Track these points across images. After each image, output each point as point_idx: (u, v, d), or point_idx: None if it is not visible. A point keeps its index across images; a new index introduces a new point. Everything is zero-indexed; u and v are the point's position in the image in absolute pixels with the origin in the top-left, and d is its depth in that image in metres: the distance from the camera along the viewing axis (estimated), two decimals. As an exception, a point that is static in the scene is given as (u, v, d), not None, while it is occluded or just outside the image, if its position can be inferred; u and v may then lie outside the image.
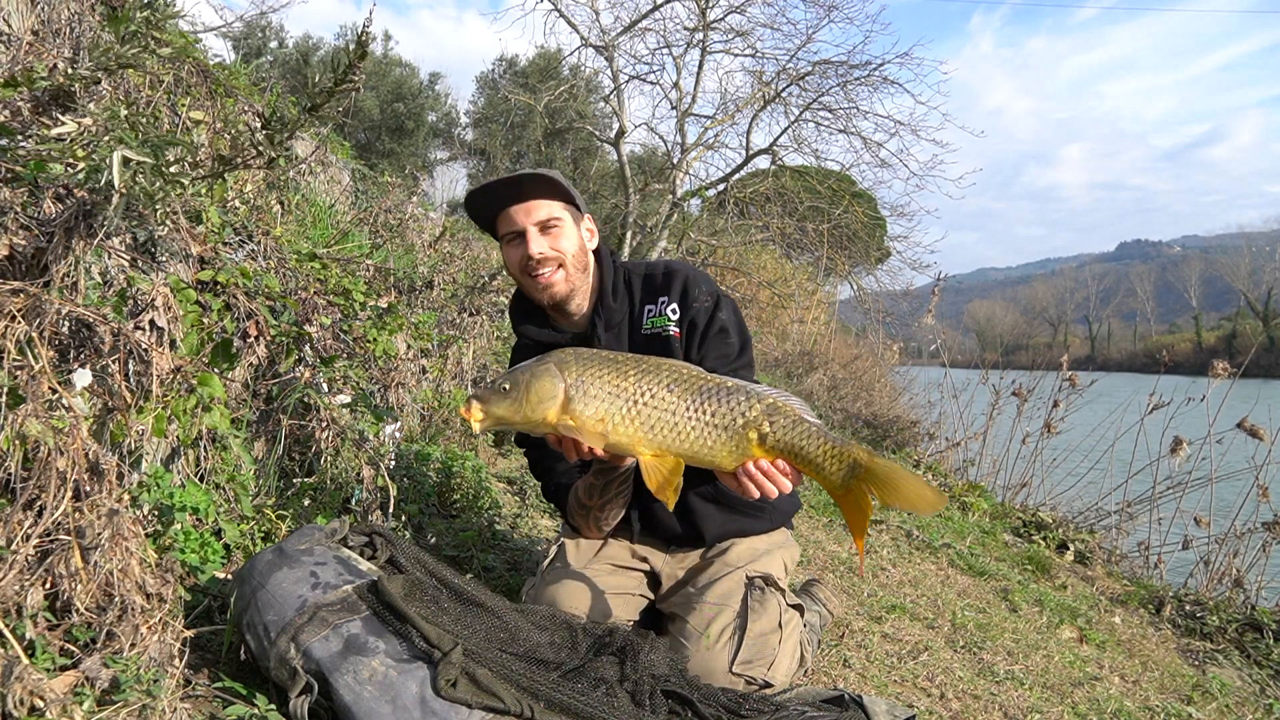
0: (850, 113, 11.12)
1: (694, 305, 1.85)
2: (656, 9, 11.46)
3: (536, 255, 1.77)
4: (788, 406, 1.51)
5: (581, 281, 1.84)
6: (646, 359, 1.55)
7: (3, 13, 2.07)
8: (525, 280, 1.83)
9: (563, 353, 1.54)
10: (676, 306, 1.86)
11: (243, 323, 1.97)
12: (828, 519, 4.00)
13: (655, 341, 1.86)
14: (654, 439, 1.49)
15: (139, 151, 1.44)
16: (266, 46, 18.25)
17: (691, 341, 1.85)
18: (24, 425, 1.30)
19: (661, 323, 1.86)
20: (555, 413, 1.48)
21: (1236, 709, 2.81)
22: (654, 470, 1.49)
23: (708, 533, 1.93)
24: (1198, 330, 58.83)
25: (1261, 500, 4.60)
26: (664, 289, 1.87)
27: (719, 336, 1.85)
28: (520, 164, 21.25)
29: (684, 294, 1.86)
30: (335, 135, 6.12)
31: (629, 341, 1.88)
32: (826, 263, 12.81)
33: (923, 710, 2.07)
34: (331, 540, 1.59)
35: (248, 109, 3.27)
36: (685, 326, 1.85)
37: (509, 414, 1.49)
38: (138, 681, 1.27)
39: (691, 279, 1.87)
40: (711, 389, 1.51)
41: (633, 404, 1.49)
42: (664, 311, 1.86)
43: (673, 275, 1.88)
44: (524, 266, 1.80)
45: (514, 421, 1.50)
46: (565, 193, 1.80)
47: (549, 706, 1.34)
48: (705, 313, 1.85)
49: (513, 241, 1.80)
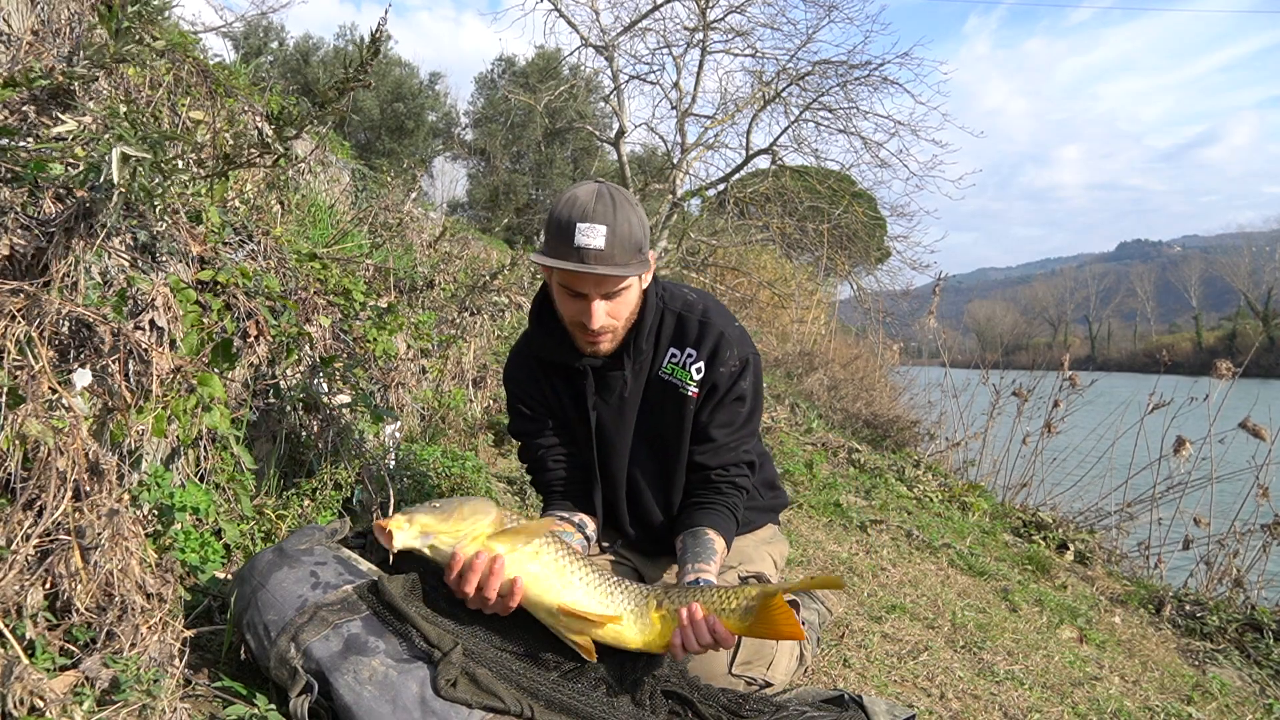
0: (850, 113, 11.14)
1: (720, 370, 1.77)
2: (656, 9, 11.46)
3: (598, 327, 1.65)
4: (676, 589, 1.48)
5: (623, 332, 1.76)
6: (563, 549, 1.47)
7: (3, 13, 2.07)
8: (571, 326, 1.72)
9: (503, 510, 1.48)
10: (702, 366, 1.77)
11: (243, 323, 1.97)
12: (828, 519, 4.00)
13: (669, 392, 1.79)
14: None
15: (138, 147, 1.44)
16: (267, 46, 18.26)
17: (707, 402, 1.79)
18: (24, 425, 1.29)
19: (682, 377, 1.78)
20: (483, 534, 1.41)
21: (1236, 709, 2.81)
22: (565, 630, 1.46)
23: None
24: (1198, 330, 58.82)
25: (1261, 500, 4.60)
26: (696, 341, 1.78)
27: (734, 404, 1.80)
28: (520, 164, 21.25)
29: (713, 355, 1.77)
30: (335, 135, 6.12)
31: (646, 382, 1.82)
32: (826, 263, 12.82)
33: (923, 710, 2.07)
34: (331, 540, 1.59)
35: (248, 109, 3.27)
36: (705, 389, 1.79)
37: (434, 522, 1.42)
38: (138, 681, 1.27)
39: (725, 339, 1.77)
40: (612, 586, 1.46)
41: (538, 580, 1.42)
42: (688, 367, 1.78)
43: (707, 329, 1.78)
44: (575, 324, 1.71)
45: (439, 531, 1.42)
46: (640, 252, 1.63)
47: (549, 706, 1.34)
48: (729, 379, 1.78)
49: (573, 297, 1.65)
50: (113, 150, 1.41)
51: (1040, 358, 7.81)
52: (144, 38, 1.53)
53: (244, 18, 9.53)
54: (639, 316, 1.75)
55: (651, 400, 1.81)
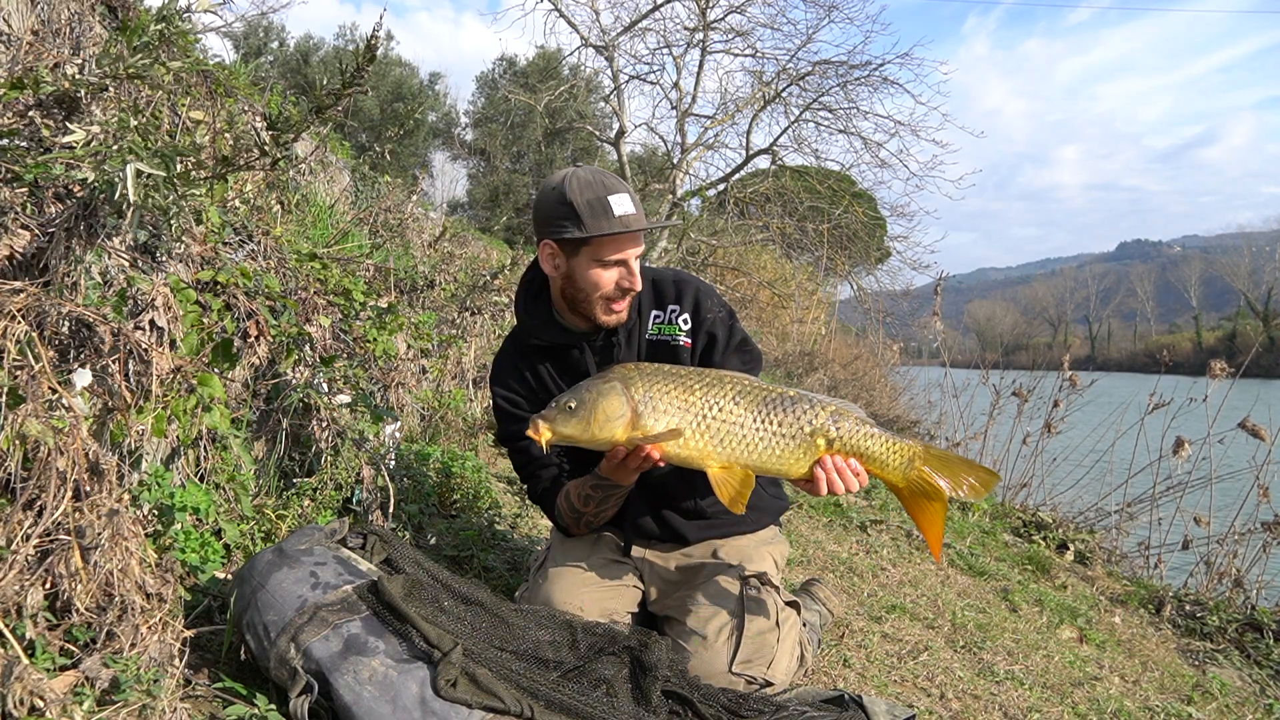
0: (850, 113, 11.14)
1: (708, 317, 1.86)
2: (656, 9, 11.47)
3: (639, 286, 1.78)
4: (849, 411, 1.58)
5: None
6: (708, 372, 1.60)
7: (3, 13, 2.07)
8: (598, 300, 1.78)
9: (625, 369, 1.58)
10: (689, 317, 1.87)
11: (243, 323, 1.97)
12: (828, 519, 4.00)
13: (662, 348, 1.87)
14: (723, 452, 1.54)
15: (150, 164, 1.44)
16: (267, 46, 18.26)
17: (711, 351, 1.86)
18: (24, 425, 1.29)
19: (671, 331, 1.87)
20: (624, 430, 1.51)
21: (1236, 709, 2.81)
22: (724, 484, 1.54)
23: (691, 535, 1.95)
24: (1198, 330, 58.78)
25: (1261, 500, 4.60)
26: (675, 298, 1.88)
27: (739, 346, 1.88)
28: (520, 164, 21.26)
29: (696, 305, 1.87)
30: (335, 135, 6.12)
31: (637, 347, 1.89)
32: (826, 263, 12.82)
33: (923, 710, 2.07)
34: (331, 540, 1.59)
35: (248, 109, 3.27)
36: (701, 338, 1.86)
37: (576, 433, 1.52)
38: (138, 681, 1.27)
39: (703, 290, 1.89)
40: (776, 400, 1.56)
41: (701, 419, 1.53)
42: (674, 320, 1.87)
43: (684, 285, 1.90)
44: (614, 294, 1.78)
45: (581, 439, 1.53)
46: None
47: (549, 706, 1.34)
48: (723, 324, 1.87)
49: (613, 267, 1.75)
50: (127, 167, 1.42)
51: (1040, 358, 7.81)
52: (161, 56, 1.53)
53: (244, 18, 9.52)
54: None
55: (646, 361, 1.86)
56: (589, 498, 1.80)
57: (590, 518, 1.86)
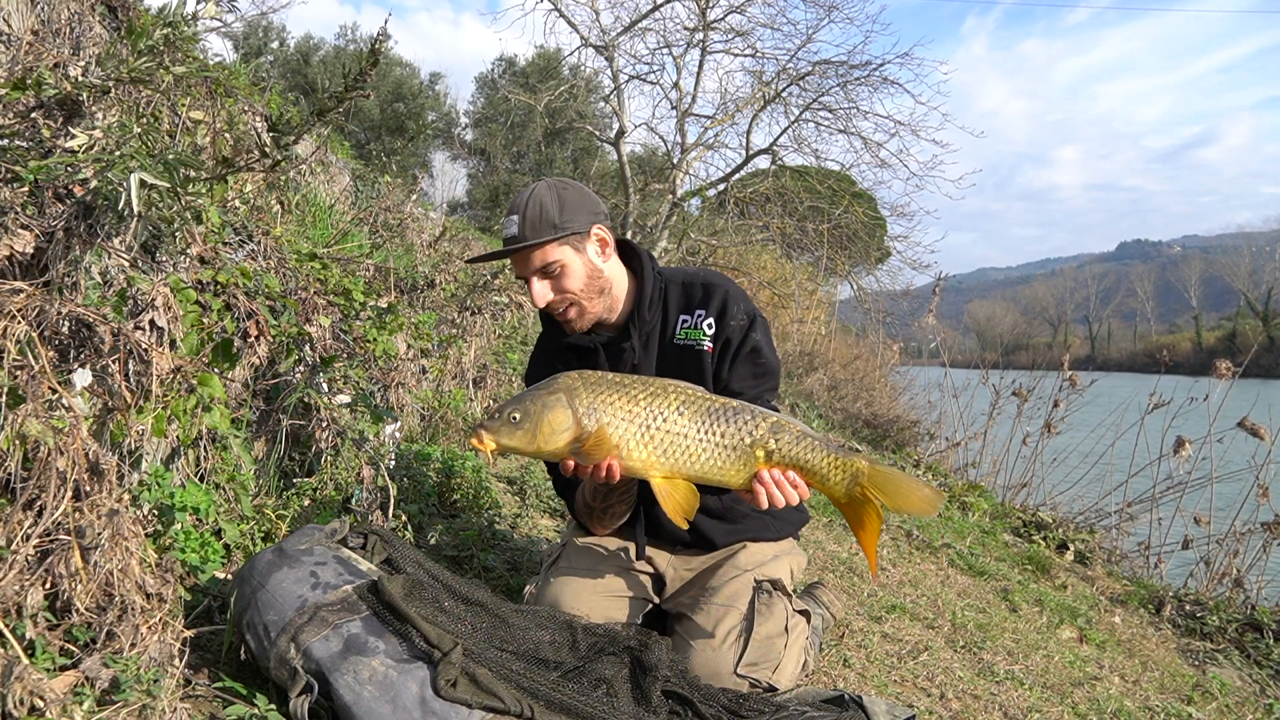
0: (850, 113, 11.12)
1: (730, 323, 1.84)
2: (656, 9, 11.45)
3: (543, 304, 1.78)
4: (790, 424, 1.56)
5: (602, 303, 1.83)
6: (653, 381, 1.58)
7: (3, 13, 2.07)
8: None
9: (569, 378, 1.55)
10: (713, 322, 1.85)
11: (243, 323, 1.97)
12: (828, 519, 4.00)
13: (687, 354, 1.85)
14: (666, 463, 1.53)
15: (154, 173, 1.44)
16: (267, 47, 18.25)
17: (724, 358, 1.85)
18: (24, 425, 1.29)
19: (696, 336, 1.85)
20: (567, 442, 1.50)
21: (1236, 709, 2.81)
22: (668, 495, 1.54)
23: (716, 540, 1.94)
24: (1198, 330, 58.76)
25: (1261, 500, 4.60)
26: (703, 302, 1.86)
27: (750, 356, 1.85)
28: (520, 164, 21.25)
29: (722, 310, 1.85)
30: (335, 135, 6.12)
31: (659, 350, 1.87)
32: (826, 263, 12.81)
33: (923, 710, 2.07)
34: (331, 540, 1.59)
35: (248, 109, 3.27)
36: (720, 343, 1.85)
37: (522, 445, 1.50)
38: (138, 681, 1.27)
39: (731, 295, 1.87)
40: (719, 410, 1.55)
41: (645, 429, 1.51)
42: (700, 325, 1.85)
43: (712, 289, 1.87)
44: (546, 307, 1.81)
45: (526, 452, 1.52)
46: (556, 228, 1.73)
47: (549, 706, 1.33)
48: (740, 331, 1.84)
49: (526, 286, 1.81)
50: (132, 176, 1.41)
51: (1040, 358, 7.81)
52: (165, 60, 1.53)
53: (244, 18, 9.51)
54: (638, 287, 1.86)
55: (669, 366, 1.85)
56: (596, 490, 1.81)
57: (601, 512, 1.86)
